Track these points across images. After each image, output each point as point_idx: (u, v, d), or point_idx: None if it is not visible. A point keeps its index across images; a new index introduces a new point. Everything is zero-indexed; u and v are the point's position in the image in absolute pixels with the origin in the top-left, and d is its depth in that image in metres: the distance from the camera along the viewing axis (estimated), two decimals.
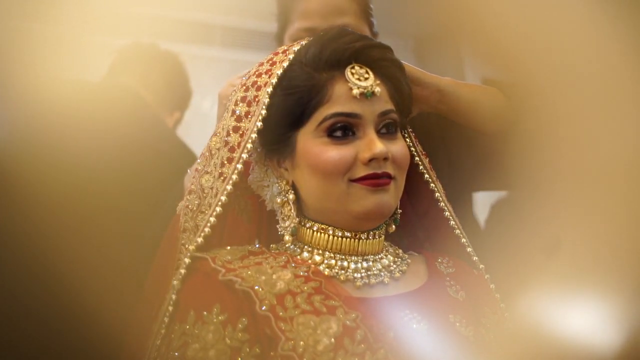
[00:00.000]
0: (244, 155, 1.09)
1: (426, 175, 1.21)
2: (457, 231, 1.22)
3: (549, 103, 0.76)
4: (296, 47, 1.11)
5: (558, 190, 0.79)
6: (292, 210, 1.11)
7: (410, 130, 1.22)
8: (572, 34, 0.71)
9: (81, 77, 1.92)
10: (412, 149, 1.20)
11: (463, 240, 1.22)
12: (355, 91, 1.06)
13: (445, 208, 1.21)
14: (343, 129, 1.06)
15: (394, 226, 1.17)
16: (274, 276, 1.02)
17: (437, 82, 1.26)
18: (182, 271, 1.07)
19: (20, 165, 1.39)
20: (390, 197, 1.07)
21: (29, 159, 1.41)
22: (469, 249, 1.22)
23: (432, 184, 1.21)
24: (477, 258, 1.22)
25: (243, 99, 1.12)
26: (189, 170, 1.35)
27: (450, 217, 1.21)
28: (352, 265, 1.10)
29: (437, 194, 1.21)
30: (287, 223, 1.12)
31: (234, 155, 1.10)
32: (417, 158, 1.21)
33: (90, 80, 1.94)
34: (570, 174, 0.74)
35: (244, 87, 1.13)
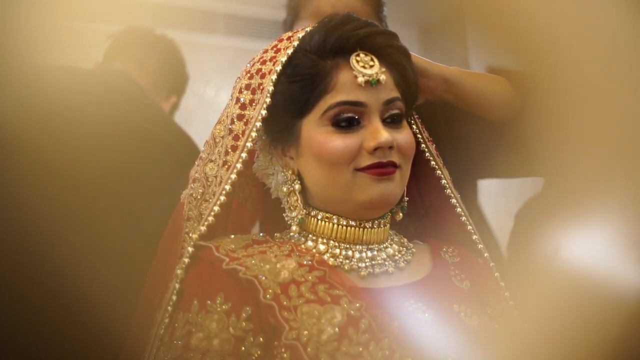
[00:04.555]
0: (249, 144, 1.08)
1: (432, 162, 1.20)
2: (464, 218, 1.21)
3: (557, 90, 0.75)
4: (301, 34, 1.10)
5: (566, 178, 0.78)
6: (299, 201, 1.11)
7: (416, 116, 1.21)
8: (581, 19, 0.70)
9: (80, 64, 1.91)
10: (419, 135, 1.19)
11: (469, 227, 1.21)
12: (360, 79, 1.05)
13: (452, 195, 1.21)
14: (348, 120, 1.05)
15: (401, 214, 1.16)
16: (278, 265, 1.02)
17: (443, 72, 1.25)
18: (186, 260, 1.07)
19: (15, 153, 1.39)
20: (396, 186, 1.07)
21: (23, 147, 1.40)
22: (474, 237, 1.22)
23: (438, 171, 1.20)
24: (482, 246, 1.22)
25: (247, 87, 1.11)
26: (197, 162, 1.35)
27: (457, 205, 1.21)
28: (357, 255, 1.09)
29: (443, 181, 1.20)
30: (295, 213, 1.11)
31: (239, 143, 1.09)
32: (423, 145, 1.20)
33: (85, 67, 1.93)
34: (579, 161, 0.74)
35: (249, 75, 1.12)
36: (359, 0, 1.56)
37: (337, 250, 1.09)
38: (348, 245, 1.10)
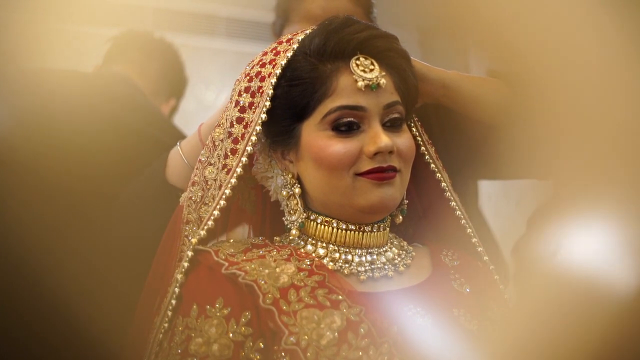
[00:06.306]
0: (249, 148, 1.08)
1: (432, 165, 1.20)
2: (463, 221, 1.21)
3: (551, 94, 0.75)
4: (300, 37, 1.10)
5: (558, 178, 0.79)
6: (299, 204, 1.11)
7: (416, 119, 1.21)
8: (575, 25, 0.71)
9: (80, 68, 1.92)
10: (418, 138, 1.19)
11: (469, 230, 1.21)
12: (360, 83, 1.04)
13: (452, 198, 1.20)
14: (348, 124, 1.04)
15: (401, 217, 1.16)
16: (278, 269, 1.01)
17: (442, 77, 1.24)
18: (185, 264, 1.07)
19: (13, 156, 1.39)
20: (396, 190, 1.07)
21: (23, 151, 1.40)
22: (474, 240, 1.21)
23: (438, 174, 1.20)
24: (482, 249, 1.21)
25: (247, 90, 1.11)
26: (178, 143, 1.34)
27: (457, 208, 1.21)
28: (356, 259, 1.09)
29: (443, 184, 1.20)
30: (295, 217, 1.11)
31: (238, 147, 1.09)
32: (422, 148, 1.20)
33: (85, 70, 1.94)
34: (571, 164, 0.74)
35: (248, 77, 1.11)
36: (350, 2, 1.56)
37: (337, 255, 1.09)
38: (347, 249, 1.10)
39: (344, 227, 1.10)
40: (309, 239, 1.11)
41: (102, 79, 1.90)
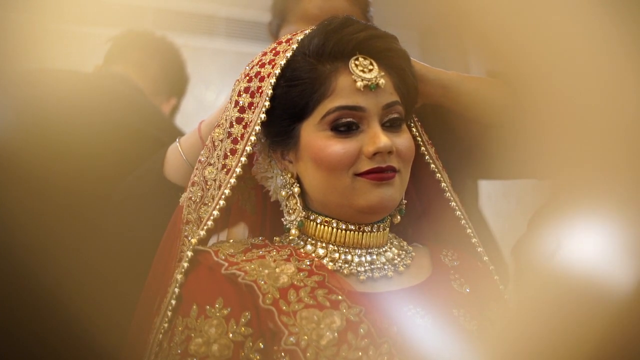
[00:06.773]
0: (248, 148, 1.08)
1: (432, 165, 1.20)
2: (463, 221, 1.21)
3: (551, 93, 0.75)
4: (300, 37, 1.10)
5: (558, 178, 0.79)
6: (298, 204, 1.11)
7: (416, 119, 1.21)
8: (577, 24, 0.71)
9: (81, 68, 1.92)
10: (418, 138, 1.19)
11: (469, 230, 1.21)
12: (359, 83, 1.04)
13: (451, 198, 1.20)
14: (347, 124, 1.04)
15: (399, 217, 1.16)
16: (277, 270, 1.01)
17: (441, 78, 1.24)
18: (185, 264, 1.07)
19: (14, 157, 1.39)
20: (395, 190, 1.07)
21: (23, 151, 1.40)
22: (474, 240, 1.21)
23: (437, 174, 1.20)
24: (482, 249, 1.21)
25: (246, 90, 1.11)
26: (177, 140, 1.33)
27: (457, 208, 1.21)
28: (356, 259, 1.09)
29: (442, 184, 1.20)
30: (294, 217, 1.11)
31: (238, 147, 1.09)
32: (422, 148, 1.19)
33: (85, 70, 1.94)
34: (572, 164, 0.74)
35: (247, 78, 1.12)
36: (347, 1, 1.56)
37: (336, 255, 1.09)
38: (347, 250, 1.10)
39: (344, 227, 1.10)
40: (309, 239, 1.11)
41: (102, 79, 1.91)
